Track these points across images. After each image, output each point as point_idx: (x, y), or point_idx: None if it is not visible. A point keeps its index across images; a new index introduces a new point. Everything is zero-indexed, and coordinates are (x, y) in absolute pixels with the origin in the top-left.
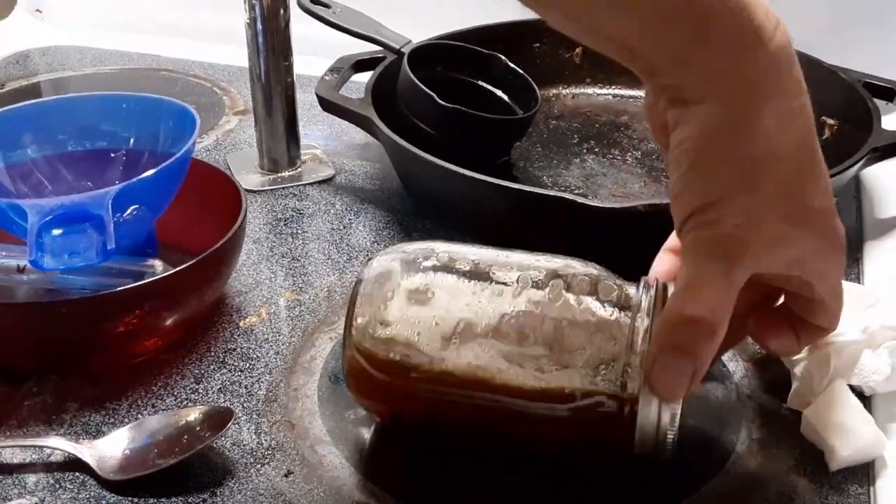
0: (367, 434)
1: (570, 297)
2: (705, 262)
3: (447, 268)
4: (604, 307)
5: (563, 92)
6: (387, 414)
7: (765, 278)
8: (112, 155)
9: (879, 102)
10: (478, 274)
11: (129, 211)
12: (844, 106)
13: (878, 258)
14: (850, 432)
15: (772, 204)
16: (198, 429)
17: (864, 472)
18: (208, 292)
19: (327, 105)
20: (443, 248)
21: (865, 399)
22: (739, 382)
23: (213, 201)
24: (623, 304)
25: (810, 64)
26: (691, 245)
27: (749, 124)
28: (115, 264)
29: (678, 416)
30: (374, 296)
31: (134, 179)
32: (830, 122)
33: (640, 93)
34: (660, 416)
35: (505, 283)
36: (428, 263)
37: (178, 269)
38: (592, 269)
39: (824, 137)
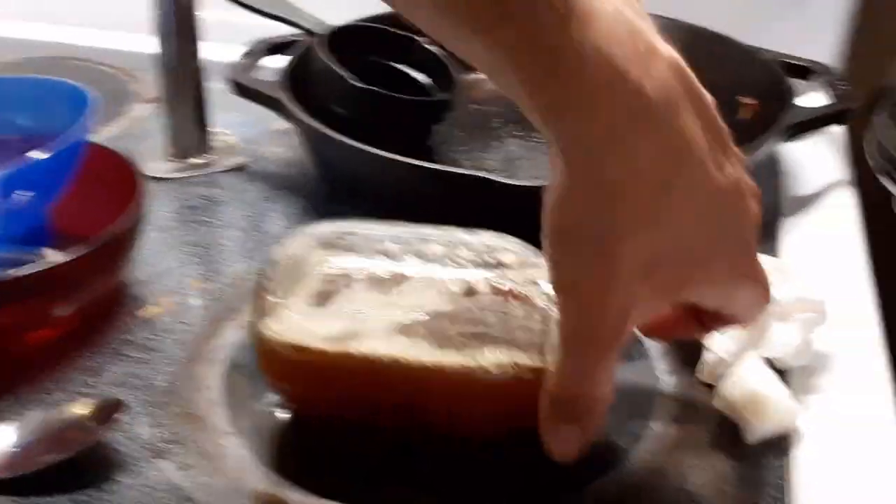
0: (274, 425)
1: (492, 278)
2: (578, 340)
3: (361, 254)
4: (525, 287)
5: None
6: (297, 396)
7: None
8: (5, 141)
9: (797, 82)
10: (395, 259)
11: (17, 197)
12: (761, 85)
13: (794, 234)
14: (766, 404)
15: (638, 279)
16: (87, 422)
17: (781, 444)
18: (104, 281)
19: (238, 88)
20: (359, 231)
21: (779, 372)
22: (654, 358)
23: (112, 187)
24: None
25: (726, 43)
26: (560, 316)
27: (600, 187)
28: (5, 254)
29: None
30: (284, 278)
31: (20, 164)
32: (746, 101)
33: None
34: None
35: (422, 269)
36: (342, 251)
37: (68, 256)
38: (515, 247)
39: (738, 117)
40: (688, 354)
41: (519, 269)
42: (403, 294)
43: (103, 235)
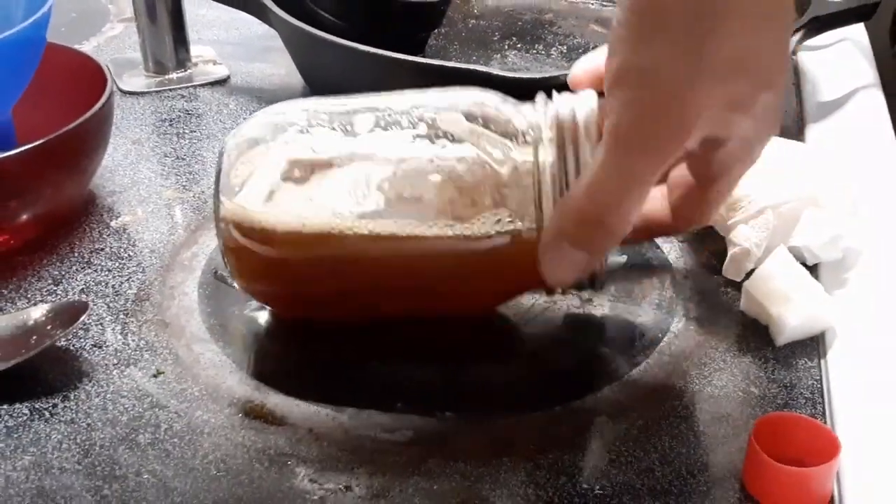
0: (253, 330)
1: (471, 136)
2: (636, 139)
3: (323, 124)
4: (507, 143)
5: None
6: (275, 296)
7: None
8: None
9: None
10: (360, 127)
11: None
12: None
13: (821, 141)
14: (797, 302)
15: (719, 80)
16: (47, 327)
17: (814, 345)
18: (67, 183)
19: None
20: (316, 105)
21: (808, 269)
22: (674, 263)
23: (80, 94)
24: (523, 136)
25: None
26: (613, 113)
27: None
28: None
29: None
30: (245, 162)
31: None
32: None
33: None
34: None
35: (395, 134)
36: (303, 122)
37: (22, 148)
38: (490, 100)
39: None
40: (711, 253)
41: (499, 128)
42: (375, 180)
43: (64, 129)
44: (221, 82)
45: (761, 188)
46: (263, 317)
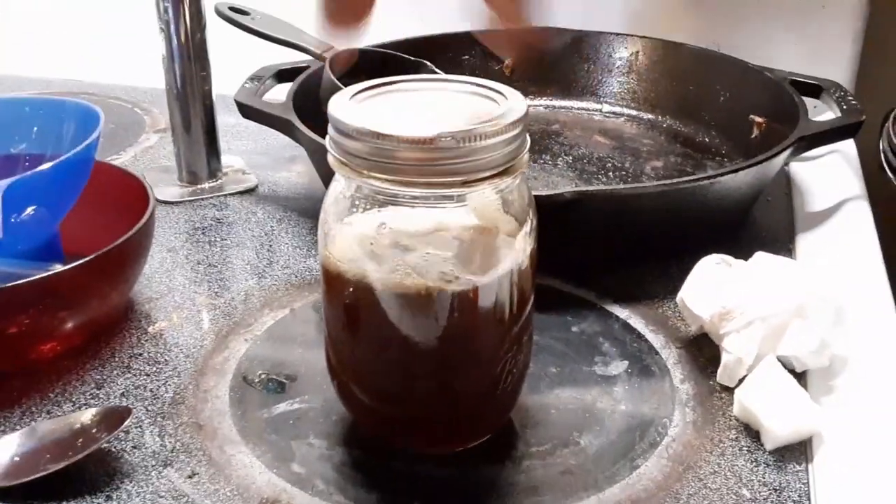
0: (281, 432)
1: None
2: None
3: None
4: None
5: None
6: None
7: None
8: (13, 159)
9: (808, 101)
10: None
11: (26, 211)
12: (772, 104)
13: (810, 243)
14: (784, 410)
15: None
16: (94, 430)
17: (802, 450)
18: (111, 294)
19: (247, 111)
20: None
21: (797, 375)
22: (672, 368)
23: (122, 207)
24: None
25: (736, 65)
26: None
27: None
28: (15, 269)
29: None
30: None
31: (28, 173)
32: (759, 119)
33: (571, 103)
34: None
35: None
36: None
37: (74, 264)
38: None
39: (753, 136)
40: (707, 360)
41: None
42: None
43: (112, 245)
44: (250, 191)
45: (751, 301)
46: (290, 419)
